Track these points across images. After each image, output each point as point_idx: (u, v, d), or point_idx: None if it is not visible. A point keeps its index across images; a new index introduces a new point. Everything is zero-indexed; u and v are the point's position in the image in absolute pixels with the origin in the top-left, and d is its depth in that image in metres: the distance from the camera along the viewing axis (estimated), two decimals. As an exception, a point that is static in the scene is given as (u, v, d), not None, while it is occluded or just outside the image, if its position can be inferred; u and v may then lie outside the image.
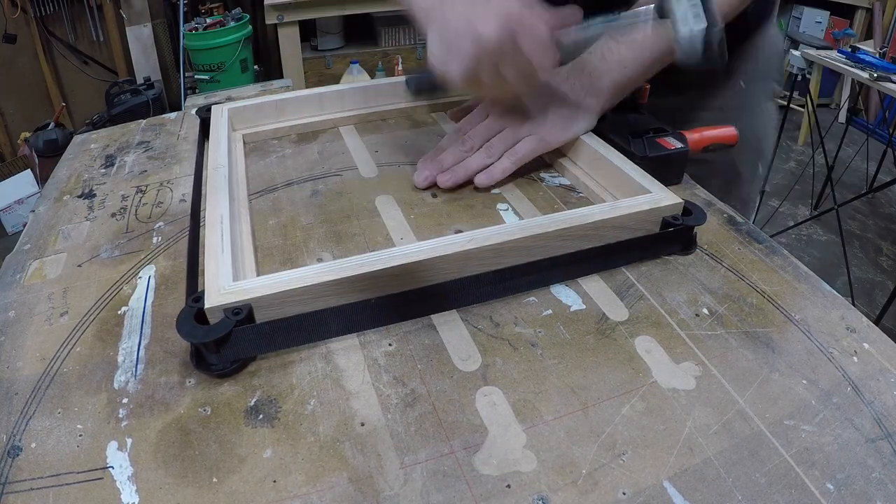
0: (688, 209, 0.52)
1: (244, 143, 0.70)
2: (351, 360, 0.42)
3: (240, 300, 0.40)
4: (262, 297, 0.40)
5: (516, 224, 0.48)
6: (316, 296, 0.42)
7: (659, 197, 0.51)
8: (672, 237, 0.51)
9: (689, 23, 0.46)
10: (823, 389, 0.39)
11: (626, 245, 0.49)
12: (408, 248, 0.45)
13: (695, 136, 0.64)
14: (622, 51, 0.60)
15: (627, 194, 0.53)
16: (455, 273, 0.45)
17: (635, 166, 0.56)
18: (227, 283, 0.41)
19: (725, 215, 0.57)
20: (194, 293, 0.41)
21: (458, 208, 0.58)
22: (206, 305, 0.39)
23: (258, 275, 0.48)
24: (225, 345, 0.39)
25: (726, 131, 0.68)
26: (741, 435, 0.36)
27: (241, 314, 0.39)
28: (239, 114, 0.70)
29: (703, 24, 0.46)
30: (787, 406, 0.38)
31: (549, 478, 0.34)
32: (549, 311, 0.46)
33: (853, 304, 0.47)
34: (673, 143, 0.60)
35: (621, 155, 0.57)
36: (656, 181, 0.53)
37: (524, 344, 0.43)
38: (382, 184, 0.62)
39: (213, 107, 0.70)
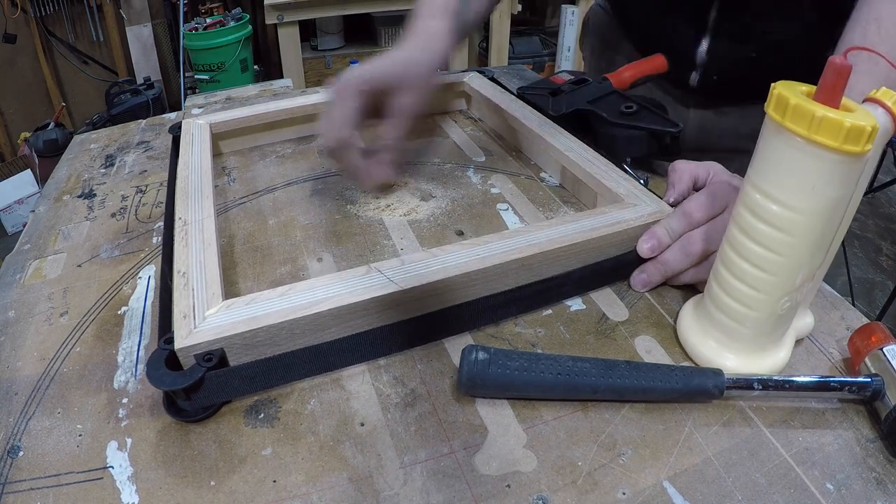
0: None
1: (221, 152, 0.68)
2: (351, 360, 0.41)
3: (214, 338, 0.36)
4: (235, 336, 0.37)
5: (508, 244, 0.44)
6: (299, 332, 0.39)
7: (654, 209, 0.48)
8: None
9: None
10: (823, 389, 0.39)
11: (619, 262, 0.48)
12: (403, 269, 0.42)
13: (624, 74, 0.68)
14: None
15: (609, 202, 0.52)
16: (459, 298, 0.43)
17: (624, 175, 0.54)
18: (199, 321, 0.38)
19: (725, 215, 0.57)
20: (168, 331, 0.38)
21: (458, 207, 0.58)
22: (176, 347, 0.36)
23: (238, 292, 0.43)
24: (196, 392, 0.36)
25: (654, 62, 0.71)
26: (741, 435, 0.36)
27: (213, 360, 0.36)
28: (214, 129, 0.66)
29: None
30: (787, 405, 0.38)
31: (549, 478, 0.34)
32: (549, 311, 0.46)
33: (853, 304, 0.47)
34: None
35: (609, 163, 0.56)
36: (648, 192, 0.51)
37: (524, 343, 0.43)
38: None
39: (183, 122, 0.66)
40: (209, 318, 0.38)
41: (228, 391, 0.38)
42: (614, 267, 0.48)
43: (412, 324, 0.42)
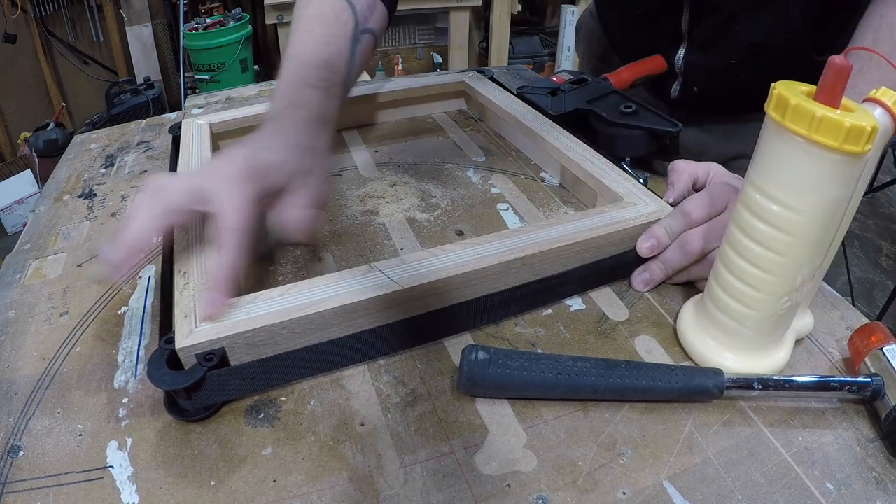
0: None
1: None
2: (351, 359, 0.41)
3: (215, 338, 0.36)
4: (237, 336, 0.36)
5: (508, 244, 0.44)
6: (300, 332, 0.38)
7: (654, 208, 0.49)
8: None
9: None
10: (823, 389, 0.39)
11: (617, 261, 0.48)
12: (402, 267, 0.42)
13: (623, 74, 0.69)
14: None
15: (609, 202, 0.52)
16: (460, 297, 0.42)
17: (624, 174, 0.54)
18: (200, 320, 0.37)
19: (725, 215, 0.57)
20: (168, 331, 0.38)
21: (459, 207, 0.58)
22: (177, 347, 0.36)
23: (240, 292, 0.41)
24: (197, 391, 0.36)
25: (653, 63, 0.71)
26: (741, 435, 0.36)
27: (214, 359, 0.36)
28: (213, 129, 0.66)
29: None
30: (787, 405, 0.38)
31: (549, 478, 0.34)
32: (549, 311, 0.46)
33: (853, 304, 0.47)
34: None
35: (609, 162, 0.56)
36: (648, 191, 0.52)
37: (524, 343, 0.43)
38: (382, 183, 0.62)
39: (182, 122, 0.66)
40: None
41: (230, 391, 0.38)
42: (614, 266, 0.48)
43: (413, 323, 0.42)
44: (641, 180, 0.53)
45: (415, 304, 0.41)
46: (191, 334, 0.37)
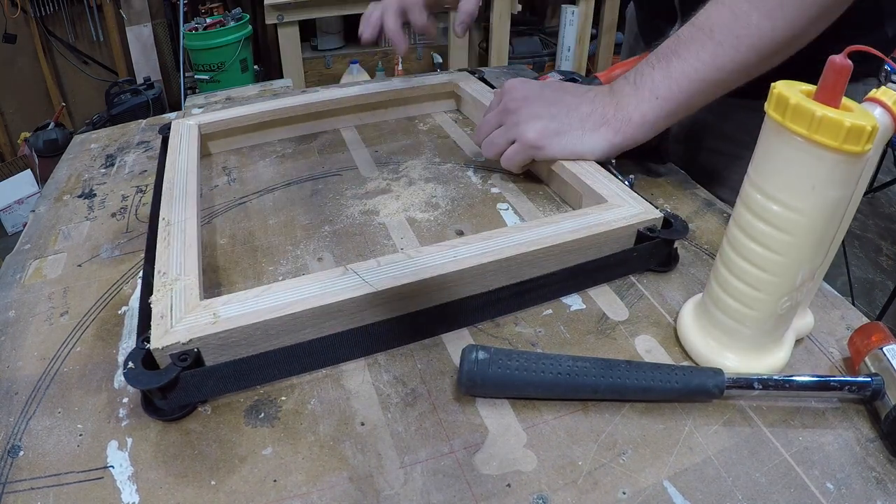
0: (668, 221, 0.49)
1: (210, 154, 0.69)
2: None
3: (189, 338, 0.36)
4: (210, 337, 0.36)
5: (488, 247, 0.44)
6: (274, 333, 0.38)
7: (637, 210, 0.48)
8: (650, 251, 0.48)
9: None
10: (823, 389, 0.39)
11: (601, 263, 0.47)
12: (388, 268, 0.42)
13: (613, 73, 0.68)
14: (657, 78, 0.52)
15: (594, 203, 0.52)
16: (437, 300, 0.42)
17: (609, 176, 0.54)
18: (175, 321, 0.37)
19: (726, 215, 0.57)
20: (147, 330, 0.38)
21: (459, 207, 0.58)
22: (151, 347, 0.36)
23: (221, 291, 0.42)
24: (172, 391, 0.36)
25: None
26: (741, 434, 0.36)
27: (188, 360, 0.36)
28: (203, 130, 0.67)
29: None
30: (787, 405, 0.38)
31: (549, 477, 0.34)
32: (549, 311, 0.46)
33: (853, 304, 0.47)
34: None
35: (594, 163, 0.56)
36: (633, 193, 0.51)
37: (524, 343, 0.43)
38: (382, 183, 0.62)
39: (172, 123, 0.66)
40: (186, 318, 0.38)
41: (204, 391, 0.38)
42: (594, 269, 0.47)
43: (388, 325, 0.41)
44: (627, 182, 0.53)
45: (390, 306, 0.41)
46: (166, 334, 0.37)
